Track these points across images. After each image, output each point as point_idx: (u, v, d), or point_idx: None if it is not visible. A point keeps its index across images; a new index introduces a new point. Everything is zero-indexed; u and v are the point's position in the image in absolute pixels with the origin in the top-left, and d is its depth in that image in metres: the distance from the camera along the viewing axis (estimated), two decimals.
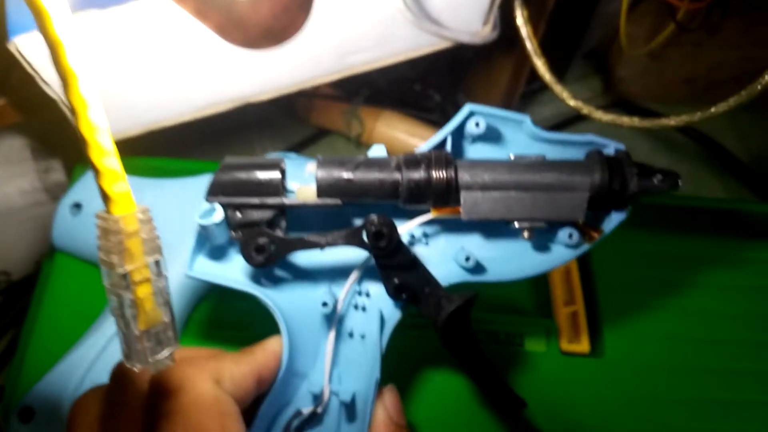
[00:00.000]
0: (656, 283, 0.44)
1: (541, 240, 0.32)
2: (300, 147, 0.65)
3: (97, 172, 0.23)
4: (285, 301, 0.33)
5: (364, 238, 0.30)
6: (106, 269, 0.24)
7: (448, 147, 0.31)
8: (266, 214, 0.30)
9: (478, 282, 0.32)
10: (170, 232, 0.31)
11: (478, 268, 0.32)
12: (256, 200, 0.30)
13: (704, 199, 0.49)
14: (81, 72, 0.21)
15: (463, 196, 0.30)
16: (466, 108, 0.31)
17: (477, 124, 0.31)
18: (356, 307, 0.33)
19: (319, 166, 0.30)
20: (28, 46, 0.38)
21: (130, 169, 0.45)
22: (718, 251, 0.46)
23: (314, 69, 0.42)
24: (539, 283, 0.43)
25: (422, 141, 0.44)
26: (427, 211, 0.31)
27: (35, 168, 0.50)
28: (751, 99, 0.36)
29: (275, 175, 0.30)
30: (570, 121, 0.69)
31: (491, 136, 0.33)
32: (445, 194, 0.29)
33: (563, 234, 0.30)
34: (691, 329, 0.43)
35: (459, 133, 0.32)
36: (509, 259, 0.32)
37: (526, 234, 0.30)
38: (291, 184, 0.32)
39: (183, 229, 0.32)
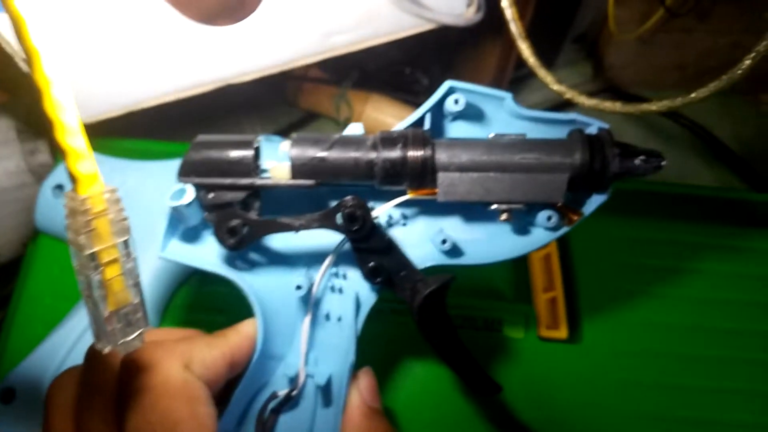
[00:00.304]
0: (635, 270, 0.43)
1: (521, 222, 0.30)
2: (289, 130, 0.63)
3: (62, 151, 0.22)
4: (260, 283, 0.31)
5: (339, 220, 0.28)
6: (74, 250, 0.23)
7: (427, 125, 0.30)
8: (239, 195, 0.28)
9: (456, 265, 0.30)
10: (153, 214, 0.30)
11: (456, 250, 0.30)
12: (227, 181, 0.28)
13: (688, 185, 0.48)
14: (44, 50, 0.20)
15: (440, 177, 0.28)
16: (446, 84, 0.29)
17: (456, 101, 0.29)
18: (333, 289, 0.32)
19: (293, 144, 0.28)
20: (5, 26, 0.36)
21: (116, 151, 0.44)
22: (699, 238, 0.44)
23: (297, 50, 0.40)
24: (519, 268, 0.41)
25: None
26: (404, 193, 0.29)
27: (21, 149, 0.48)
28: (732, 84, 0.35)
29: (248, 153, 0.28)
30: (560, 106, 0.67)
31: (472, 113, 0.31)
32: (422, 175, 0.28)
33: (542, 216, 0.29)
34: (669, 316, 0.41)
35: (439, 111, 0.31)
36: (488, 242, 0.30)
37: (504, 216, 0.28)
38: (266, 163, 0.30)
39: (166, 212, 0.31)
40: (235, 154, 0.28)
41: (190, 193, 0.28)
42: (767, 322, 0.41)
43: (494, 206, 0.28)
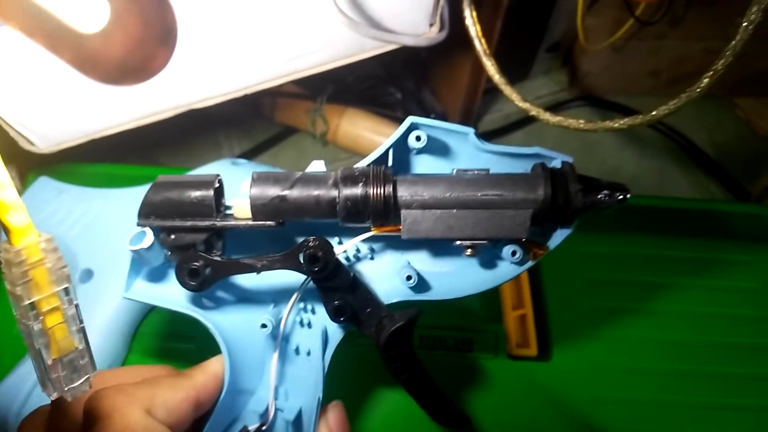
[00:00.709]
0: (604, 286, 0.42)
1: (487, 255, 0.30)
2: (266, 146, 0.62)
3: None
4: (228, 321, 0.30)
5: (301, 260, 0.28)
6: (13, 300, 0.22)
7: (390, 161, 0.29)
8: (200, 236, 0.28)
9: (422, 301, 0.30)
10: (118, 241, 0.29)
11: (423, 285, 0.30)
12: (187, 223, 0.27)
13: (660, 197, 0.48)
14: None
15: (404, 214, 0.27)
16: (408, 121, 0.28)
17: (418, 138, 0.28)
18: (302, 323, 0.31)
19: (253, 184, 0.27)
20: None
21: (82, 176, 0.43)
22: (672, 252, 0.44)
23: (258, 74, 0.39)
24: None
25: (387, 138, 0.42)
26: (368, 229, 0.29)
27: None
28: (690, 102, 0.35)
29: (208, 194, 0.27)
30: (531, 118, 0.66)
31: (436, 147, 0.30)
32: (384, 212, 0.27)
33: (507, 251, 0.28)
34: (639, 331, 0.41)
35: (403, 146, 0.30)
36: (455, 275, 0.30)
37: (468, 252, 0.28)
38: (230, 200, 0.29)
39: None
40: (195, 194, 0.27)
41: (149, 236, 0.27)
42: (741, 336, 0.41)
43: (458, 242, 0.28)
